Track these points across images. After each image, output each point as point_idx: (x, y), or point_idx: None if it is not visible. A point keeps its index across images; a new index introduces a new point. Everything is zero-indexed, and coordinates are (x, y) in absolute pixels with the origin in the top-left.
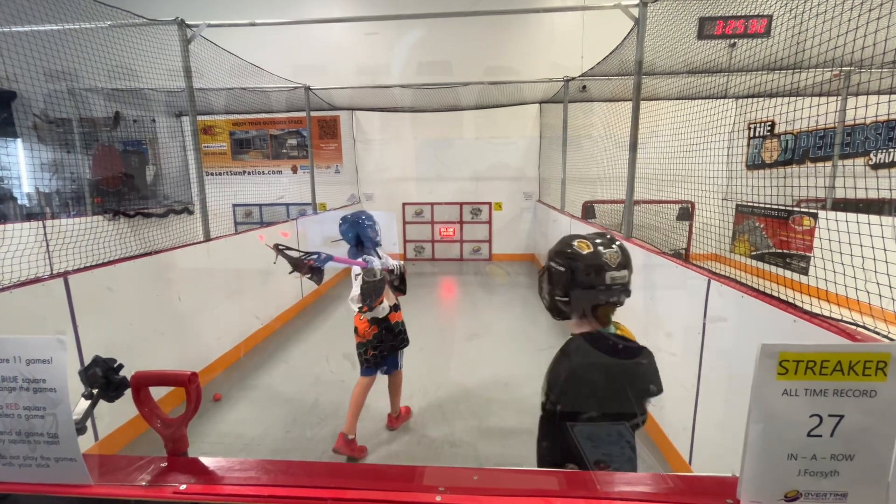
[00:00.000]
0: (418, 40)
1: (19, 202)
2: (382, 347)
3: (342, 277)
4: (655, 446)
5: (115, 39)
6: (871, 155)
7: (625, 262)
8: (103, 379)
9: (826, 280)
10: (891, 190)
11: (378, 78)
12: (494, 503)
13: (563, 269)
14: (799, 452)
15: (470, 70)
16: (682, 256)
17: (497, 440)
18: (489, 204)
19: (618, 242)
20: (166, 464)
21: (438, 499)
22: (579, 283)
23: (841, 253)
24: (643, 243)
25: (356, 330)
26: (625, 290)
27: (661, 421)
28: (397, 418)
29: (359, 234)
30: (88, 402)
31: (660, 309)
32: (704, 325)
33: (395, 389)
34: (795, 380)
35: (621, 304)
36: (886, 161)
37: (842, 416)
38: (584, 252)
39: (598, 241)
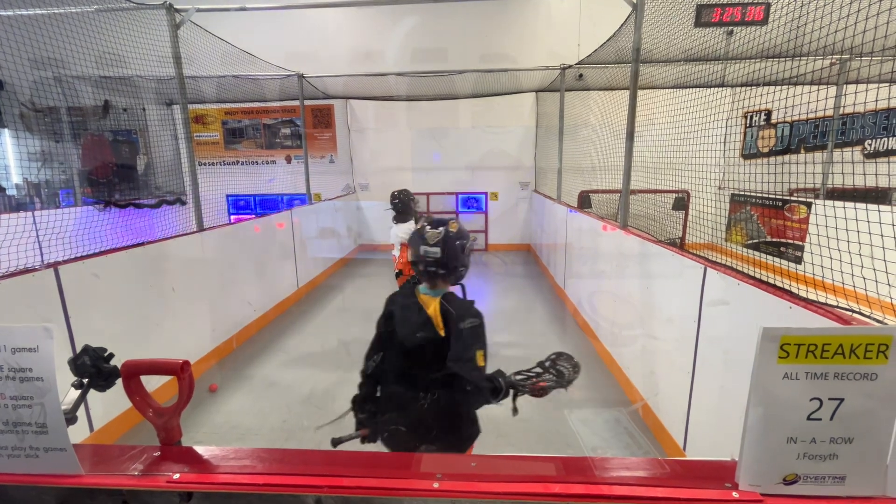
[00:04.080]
0: (413, 27)
1: (8, 192)
2: None
3: (339, 268)
4: (650, 431)
5: (103, 25)
6: (867, 144)
7: (442, 244)
8: (93, 368)
9: (822, 266)
10: (889, 176)
11: (372, 66)
12: (492, 489)
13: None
14: (798, 436)
15: (466, 58)
16: (678, 245)
17: (493, 428)
18: (486, 194)
19: (446, 228)
20: (159, 453)
21: (436, 485)
22: (410, 250)
23: (838, 240)
24: (639, 232)
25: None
26: (438, 264)
27: (656, 407)
28: None
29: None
30: (78, 391)
31: (656, 297)
32: (701, 308)
33: None
34: (796, 363)
35: (440, 275)
36: (882, 150)
37: (842, 400)
38: (417, 228)
39: (432, 222)
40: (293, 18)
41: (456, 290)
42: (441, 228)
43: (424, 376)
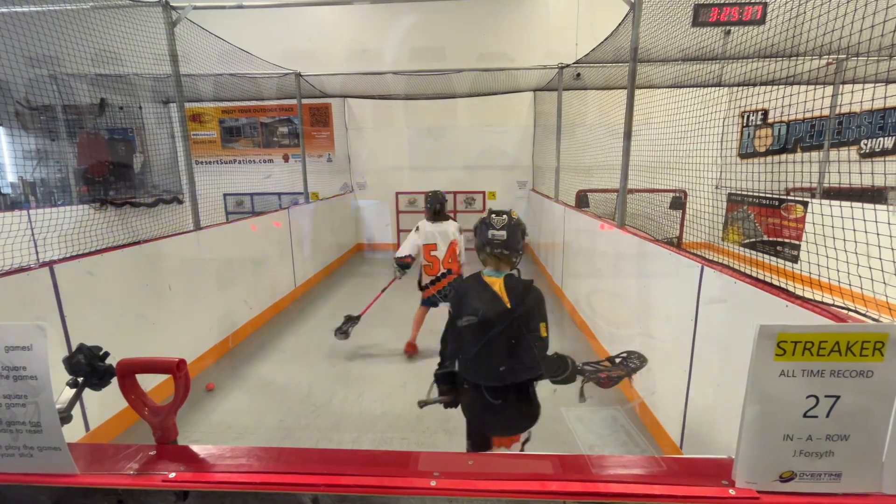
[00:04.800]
0: (411, 25)
1: (3, 191)
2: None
3: (336, 267)
4: (647, 430)
5: (99, 22)
6: (862, 144)
7: (507, 228)
8: (88, 367)
9: (818, 265)
10: (885, 175)
11: (370, 64)
12: (489, 487)
13: (473, 230)
14: (795, 433)
15: (463, 56)
16: (675, 244)
17: None
18: (483, 193)
19: (508, 214)
20: (155, 452)
21: (433, 483)
22: (478, 236)
23: (834, 238)
24: (637, 231)
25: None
26: (504, 245)
27: (653, 406)
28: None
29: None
30: (73, 390)
31: (654, 296)
32: (698, 306)
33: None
34: (793, 361)
35: (504, 256)
36: (877, 149)
37: (838, 397)
38: (483, 217)
39: (495, 211)
40: (290, 16)
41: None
42: (504, 215)
43: (497, 347)
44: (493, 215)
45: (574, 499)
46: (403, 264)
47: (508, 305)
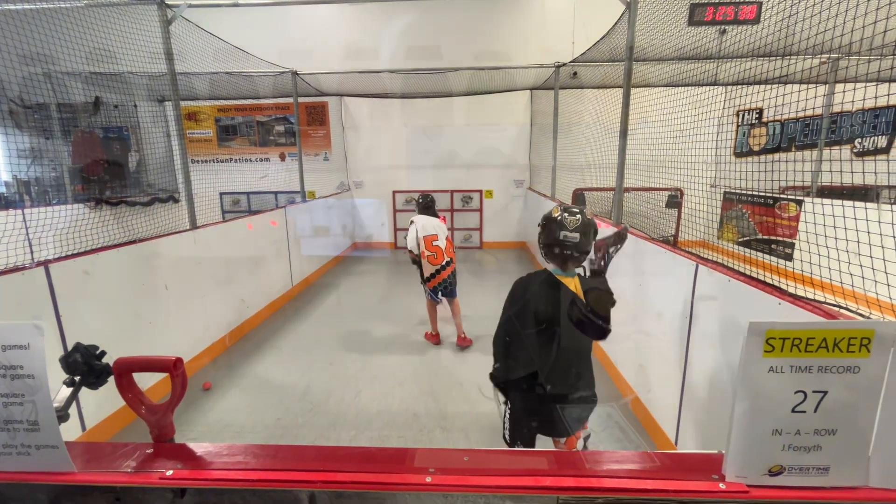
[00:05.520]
0: (407, 24)
1: None
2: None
3: (333, 265)
4: (642, 427)
5: (93, 20)
6: (856, 142)
7: (581, 229)
8: (84, 366)
9: (812, 264)
10: (876, 174)
11: (367, 63)
12: (484, 482)
13: (540, 225)
14: (783, 428)
15: (460, 55)
16: (671, 243)
17: (488, 425)
18: (480, 192)
19: (581, 213)
20: (152, 450)
21: (429, 479)
22: (546, 234)
23: (833, 237)
24: (633, 230)
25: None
26: (576, 248)
27: (647, 402)
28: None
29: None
30: (70, 389)
31: (649, 293)
32: (692, 304)
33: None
34: (781, 357)
35: (574, 257)
36: (871, 148)
37: (825, 392)
38: (553, 215)
39: (567, 210)
40: (286, 15)
41: None
42: (578, 215)
43: (573, 345)
44: (566, 214)
45: (568, 493)
46: (413, 260)
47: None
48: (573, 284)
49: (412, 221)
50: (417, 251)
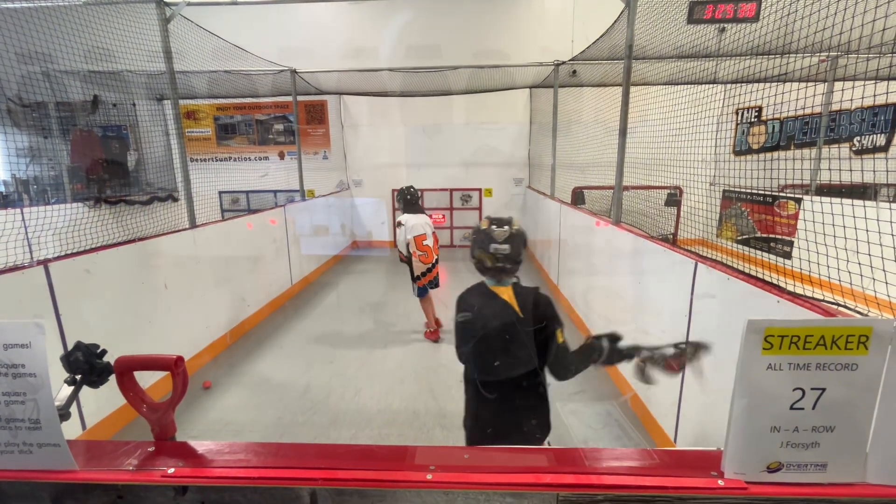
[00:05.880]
0: (406, 23)
1: None
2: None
3: (332, 264)
4: (642, 424)
5: (91, 19)
6: (855, 140)
7: (510, 241)
8: (86, 364)
9: (810, 262)
10: (875, 172)
11: (366, 61)
12: (484, 480)
13: (470, 238)
14: (782, 425)
15: (459, 54)
16: (670, 241)
17: None
18: (479, 190)
19: (511, 226)
20: (154, 448)
21: (429, 477)
22: (476, 247)
23: (832, 235)
24: (632, 228)
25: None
26: (507, 259)
27: (647, 400)
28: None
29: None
30: (71, 387)
31: (648, 292)
32: (691, 302)
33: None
34: (780, 354)
35: (507, 269)
36: (869, 146)
37: (824, 390)
38: (482, 228)
39: (495, 221)
40: (285, 13)
41: None
42: (506, 227)
43: (513, 360)
44: (494, 226)
45: (568, 490)
46: (402, 259)
47: (521, 314)
48: (507, 294)
49: (401, 223)
50: (408, 252)
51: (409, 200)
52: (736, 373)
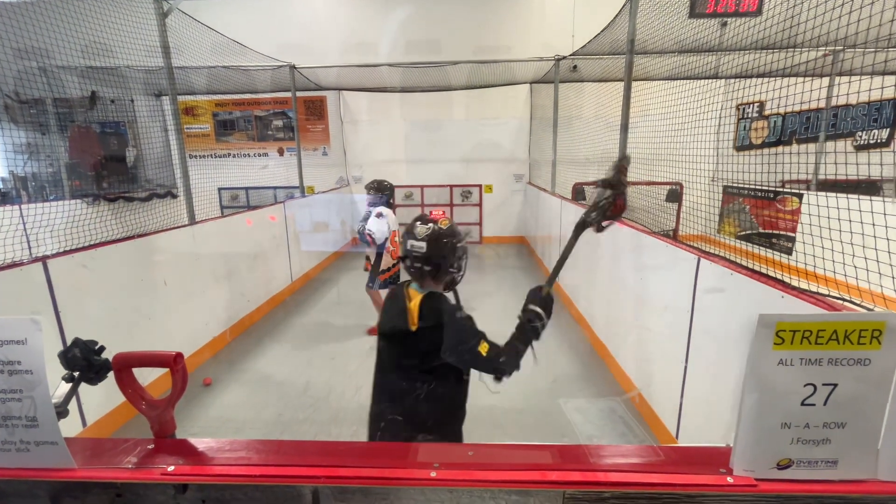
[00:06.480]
0: (406, 18)
1: None
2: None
3: (332, 261)
4: (644, 421)
5: (88, 13)
6: (857, 135)
7: (430, 238)
8: (84, 361)
9: (814, 256)
10: (879, 165)
11: (365, 57)
12: (489, 477)
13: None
14: (792, 421)
15: (459, 49)
16: (671, 237)
17: (489, 419)
18: (479, 186)
19: (434, 224)
20: (153, 446)
21: (433, 474)
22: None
23: (826, 229)
24: (633, 224)
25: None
26: (424, 260)
27: (649, 397)
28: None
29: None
30: (69, 384)
31: (650, 287)
32: (694, 298)
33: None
34: (791, 349)
35: (426, 271)
36: (871, 142)
37: (835, 385)
38: (410, 223)
39: (420, 219)
40: (284, 8)
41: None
42: (431, 224)
43: (401, 371)
44: (418, 223)
45: (574, 488)
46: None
47: (413, 328)
48: (415, 300)
49: (381, 214)
50: (383, 245)
51: (387, 195)
52: (745, 368)
